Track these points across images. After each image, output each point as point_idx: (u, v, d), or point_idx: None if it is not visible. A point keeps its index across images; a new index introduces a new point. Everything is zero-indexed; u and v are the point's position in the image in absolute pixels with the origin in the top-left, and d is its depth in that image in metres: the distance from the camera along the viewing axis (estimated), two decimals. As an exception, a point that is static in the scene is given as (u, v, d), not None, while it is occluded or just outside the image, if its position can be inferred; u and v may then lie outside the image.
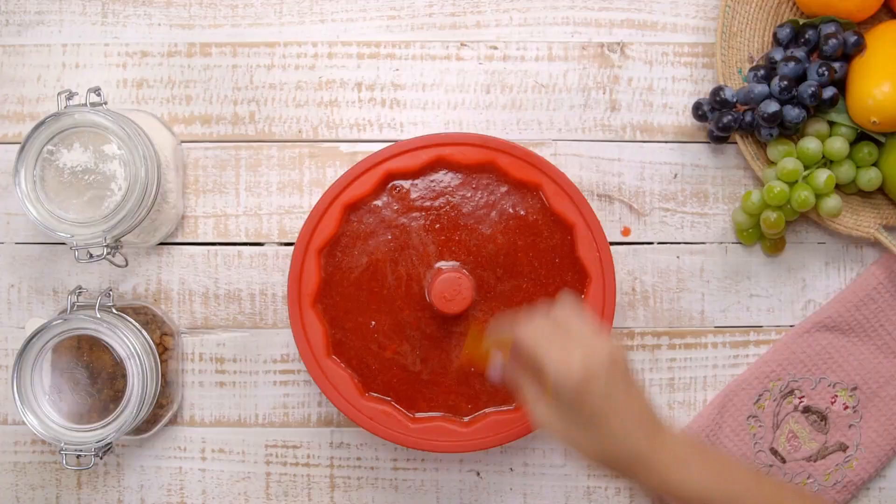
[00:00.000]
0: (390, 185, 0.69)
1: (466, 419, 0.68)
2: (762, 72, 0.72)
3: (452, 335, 0.69)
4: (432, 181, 0.69)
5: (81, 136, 0.66)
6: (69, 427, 0.67)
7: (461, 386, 0.69)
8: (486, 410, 0.69)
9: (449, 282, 0.66)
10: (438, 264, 0.69)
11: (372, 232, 0.69)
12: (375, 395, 0.69)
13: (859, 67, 0.70)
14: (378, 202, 0.69)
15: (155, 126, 0.72)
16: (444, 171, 0.69)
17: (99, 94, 0.67)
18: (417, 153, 0.68)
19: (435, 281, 0.66)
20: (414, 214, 0.69)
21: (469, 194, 0.69)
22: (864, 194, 0.75)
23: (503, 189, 0.69)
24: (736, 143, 0.76)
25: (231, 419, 0.76)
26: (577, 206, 0.68)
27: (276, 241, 0.76)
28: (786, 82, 0.69)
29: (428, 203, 0.69)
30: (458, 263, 0.69)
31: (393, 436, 0.67)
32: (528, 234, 0.69)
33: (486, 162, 0.69)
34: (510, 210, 0.69)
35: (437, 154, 0.68)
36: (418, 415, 0.68)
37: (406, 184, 0.69)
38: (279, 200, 0.76)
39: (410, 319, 0.68)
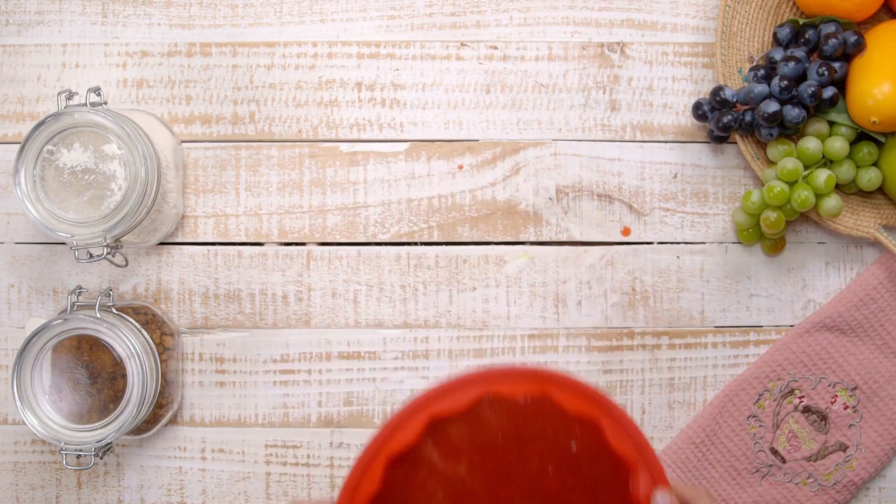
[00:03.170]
0: (433, 432, 0.58)
1: None
2: (762, 72, 0.72)
3: None
4: (480, 422, 0.58)
5: (81, 135, 0.66)
6: (69, 427, 0.67)
7: None
8: None
9: None
10: None
11: (419, 484, 0.57)
12: None
13: (859, 67, 0.70)
14: (422, 452, 0.58)
15: (155, 126, 0.72)
16: (490, 410, 0.58)
17: (99, 94, 0.67)
18: (462, 392, 0.57)
19: None
20: (462, 463, 0.58)
21: (520, 433, 0.58)
22: (864, 194, 0.75)
23: (557, 426, 0.58)
24: (736, 143, 0.76)
25: (231, 419, 0.76)
26: (636, 445, 0.57)
27: (276, 240, 0.76)
28: (786, 82, 0.69)
29: (475, 449, 0.58)
30: None
31: None
32: (582, 477, 0.58)
33: (537, 396, 0.58)
34: (564, 450, 0.58)
35: (483, 390, 0.57)
36: None
37: (451, 429, 0.58)
38: (279, 200, 0.76)
39: None
